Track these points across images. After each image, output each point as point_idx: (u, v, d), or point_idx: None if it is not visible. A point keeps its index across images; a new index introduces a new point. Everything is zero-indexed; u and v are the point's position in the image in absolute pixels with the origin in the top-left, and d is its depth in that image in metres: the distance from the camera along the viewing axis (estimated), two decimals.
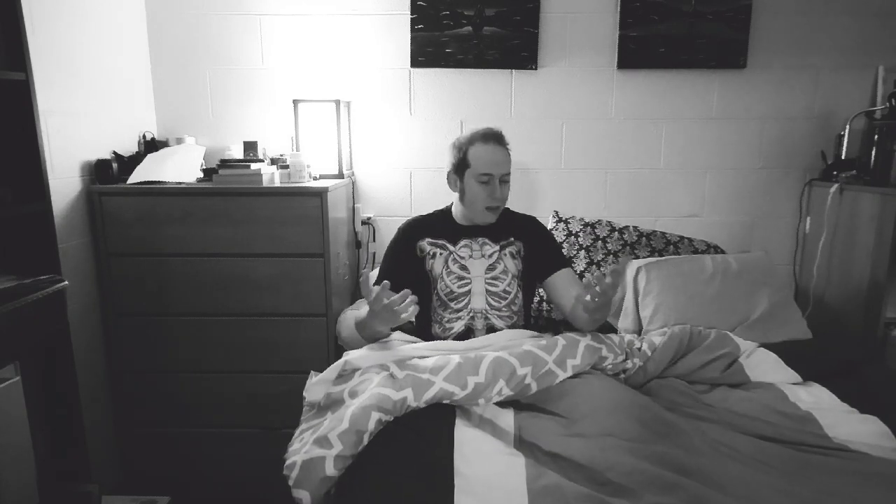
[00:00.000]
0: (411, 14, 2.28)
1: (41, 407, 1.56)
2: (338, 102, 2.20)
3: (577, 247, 2.26)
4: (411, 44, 2.31)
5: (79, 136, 1.93)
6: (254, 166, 1.99)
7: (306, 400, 1.54)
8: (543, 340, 1.61)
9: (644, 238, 2.30)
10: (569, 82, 2.36)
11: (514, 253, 1.81)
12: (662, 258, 2.17)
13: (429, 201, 2.33)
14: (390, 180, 2.43)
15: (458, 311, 1.76)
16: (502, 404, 1.50)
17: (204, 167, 2.15)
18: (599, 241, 2.28)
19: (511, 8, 2.27)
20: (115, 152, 2.05)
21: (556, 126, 2.39)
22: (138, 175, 2.01)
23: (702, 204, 2.45)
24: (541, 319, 2.15)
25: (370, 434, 1.31)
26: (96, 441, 1.92)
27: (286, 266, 1.97)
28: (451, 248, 1.80)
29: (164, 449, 2.08)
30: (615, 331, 2.07)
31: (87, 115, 1.97)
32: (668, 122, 2.39)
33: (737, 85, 2.35)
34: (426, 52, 2.31)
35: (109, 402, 2.06)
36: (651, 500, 1.09)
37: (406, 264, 1.82)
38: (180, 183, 2.00)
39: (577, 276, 1.90)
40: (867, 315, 2.06)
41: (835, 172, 2.28)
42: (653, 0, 2.25)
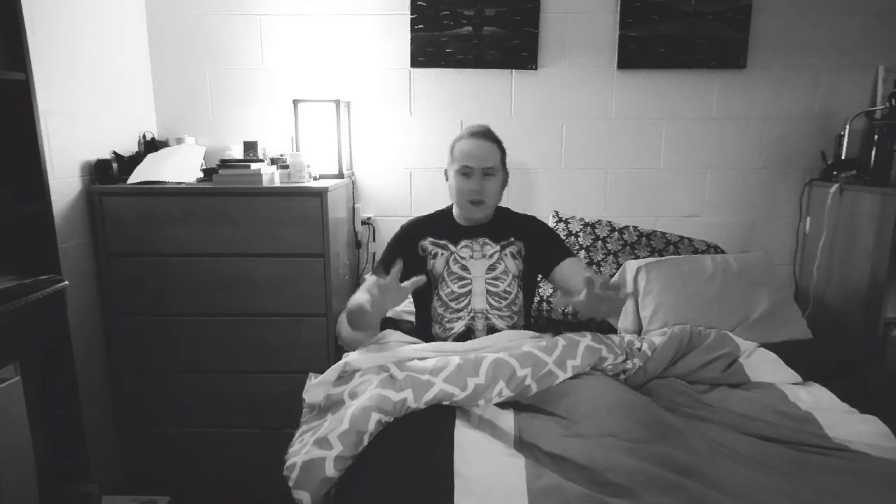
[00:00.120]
0: (411, 14, 2.28)
1: (41, 407, 1.56)
2: (338, 102, 2.20)
3: (577, 247, 2.26)
4: (411, 44, 2.31)
5: (79, 136, 1.93)
6: (254, 166, 1.99)
7: (306, 401, 1.54)
8: (543, 341, 1.60)
9: (644, 238, 2.30)
10: (569, 82, 2.36)
11: (514, 253, 1.81)
12: (662, 258, 2.17)
13: (429, 201, 2.33)
14: (390, 180, 2.43)
15: (459, 312, 1.76)
16: (502, 405, 1.50)
17: (204, 167, 2.15)
18: (599, 241, 2.27)
19: (511, 8, 2.27)
20: (115, 152, 2.05)
21: (556, 126, 2.39)
22: (138, 175, 2.01)
23: (702, 204, 2.45)
24: (541, 319, 2.15)
25: (370, 435, 1.31)
26: (96, 441, 1.92)
27: (286, 266, 1.97)
28: (452, 248, 1.80)
29: (164, 449, 2.08)
30: (615, 331, 2.07)
31: (87, 115, 1.97)
32: (668, 122, 2.39)
33: (737, 85, 2.35)
34: (426, 52, 2.31)
35: (109, 402, 2.06)
36: (651, 500, 1.09)
37: (406, 260, 1.81)
38: (180, 183, 2.00)
39: (584, 264, 1.85)
40: (867, 315, 2.06)
41: (835, 172, 2.28)
42: (653, 0, 2.25)
